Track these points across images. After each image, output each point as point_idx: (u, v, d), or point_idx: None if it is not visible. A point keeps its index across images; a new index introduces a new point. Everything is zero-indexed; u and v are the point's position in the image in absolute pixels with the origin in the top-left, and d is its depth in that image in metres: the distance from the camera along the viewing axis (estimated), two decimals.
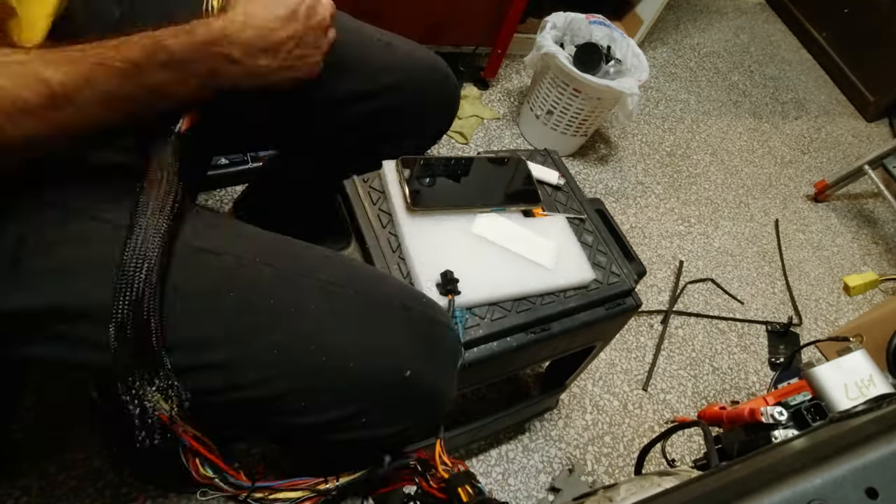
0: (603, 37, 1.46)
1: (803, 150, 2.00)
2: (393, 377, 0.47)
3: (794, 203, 1.79)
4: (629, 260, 0.74)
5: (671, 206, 1.60)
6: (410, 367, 0.47)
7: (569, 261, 0.67)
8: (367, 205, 0.66)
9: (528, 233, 0.68)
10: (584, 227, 0.73)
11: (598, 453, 1.07)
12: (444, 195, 0.68)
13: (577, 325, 0.66)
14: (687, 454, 1.13)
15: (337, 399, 0.46)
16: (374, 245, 0.63)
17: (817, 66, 2.43)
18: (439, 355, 0.51)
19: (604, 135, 1.69)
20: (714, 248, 1.54)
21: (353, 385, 0.46)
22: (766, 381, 1.31)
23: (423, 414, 0.51)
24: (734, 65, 2.20)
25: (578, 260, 0.68)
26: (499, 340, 0.62)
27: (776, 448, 0.46)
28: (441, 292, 0.59)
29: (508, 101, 1.62)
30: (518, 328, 0.63)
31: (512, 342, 0.62)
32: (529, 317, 0.63)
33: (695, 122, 1.89)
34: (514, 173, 0.75)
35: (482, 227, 0.66)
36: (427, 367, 0.49)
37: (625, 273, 0.72)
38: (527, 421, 1.05)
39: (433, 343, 0.50)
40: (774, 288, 1.52)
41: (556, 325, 0.65)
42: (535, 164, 0.77)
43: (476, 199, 0.69)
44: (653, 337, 1.29)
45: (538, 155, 0.80)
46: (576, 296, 0.67)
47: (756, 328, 1.40)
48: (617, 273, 0.71)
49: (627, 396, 1.17)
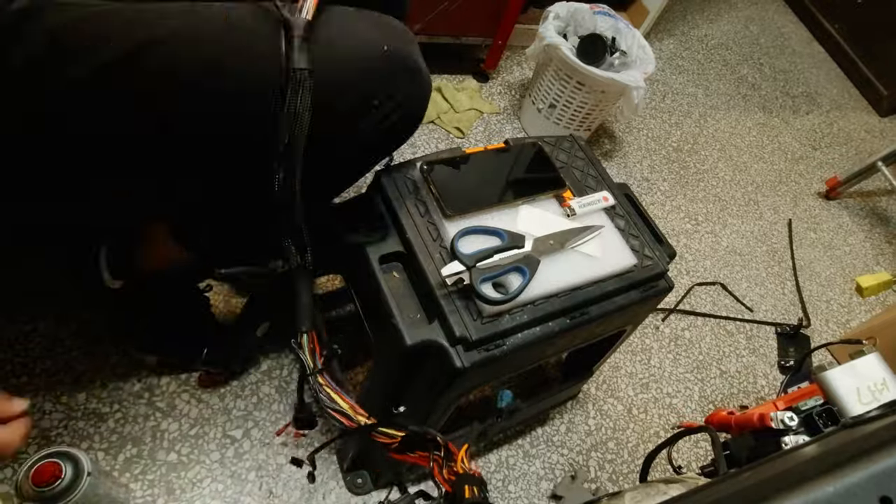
0: (607, 28, 1.46)
1: (814, 146, 2.00)
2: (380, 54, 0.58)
3: (804, 200, 1.80)
4: (659, 243, 0.77)
5: (678, 203, 1.60)
6: (385, 43, 0.58)
7: (611, 248, 0.71)
8: (405, 195, 0.69)
9: (570, 223, 0.71)
10: (615, 212, 0.76)
11: (602, 459, 1.07)
12: (475, 194, 0.70)
13: (614, 309, 0.69)
14: (694, 461, 1.13)
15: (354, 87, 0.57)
16: (414, 235, 0.66)
17: (829, 58, 2.43)
18: (399, 32, 0.61)
19: (608, 129, 1.69)
20: (722, 247, 1.54)
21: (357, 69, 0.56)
22: (775, 386, 1.31)
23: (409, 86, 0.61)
24: (743, 57, 2.20)
25: (619, 246, 0.72)
26: (542, 325, 0.64)
27: (787, 455, 0.46)
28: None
29: (509, 95, 1.61)
30: (559, 313, 0.65)
31: (554, 327, 0.65)
32: (570, 301, 0.66)
33: (702, 116, 1.89)
34: (535, 162, 0.78)
35: (526, 223, 0.69)
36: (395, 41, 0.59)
37: (657, 255, 0.74)
38: (549, 411, 1.08)
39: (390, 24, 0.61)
40: (784, 288, 1.52)
41: (595, 309, 0.68)
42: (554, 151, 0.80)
43: (507, 193, 0.71)
44: (658, 339, 1.29)
45: (564, 141, 0.82)
46: (613, 280, 0.70)
47: (765, 330, 1.41)
48: (650, 256, 0.74)
49: (632, 400, 1.17)
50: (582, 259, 0.68)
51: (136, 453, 0.83)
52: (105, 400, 0.86)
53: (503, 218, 0.69)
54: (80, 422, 0.83)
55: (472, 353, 0.60)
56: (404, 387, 0.68)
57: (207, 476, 0.84)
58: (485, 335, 0.60)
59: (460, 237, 0.63)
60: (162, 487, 0.82)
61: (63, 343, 0.88)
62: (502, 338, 0.62)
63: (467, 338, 0.59)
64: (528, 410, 0.97)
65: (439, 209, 0.67)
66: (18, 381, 0.84)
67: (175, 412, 0.88)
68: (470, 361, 0.59)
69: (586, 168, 0.80)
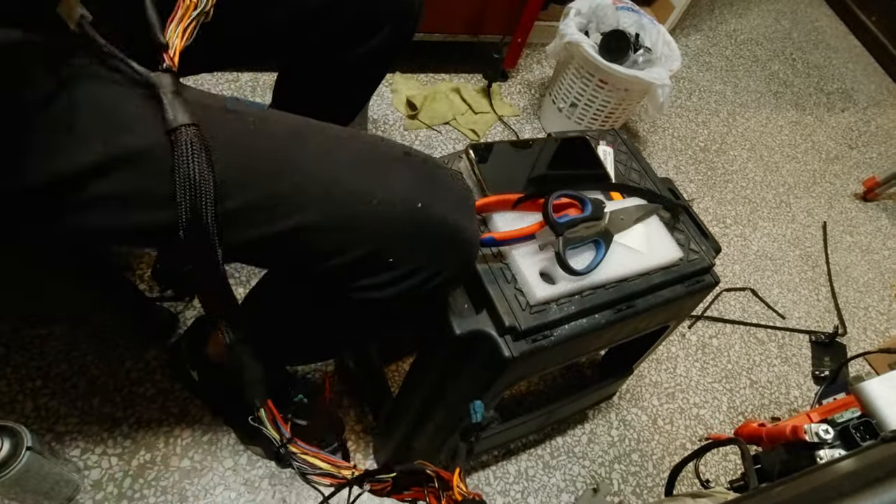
0: (631, 24, 1.45)
1: (851, 145, 1.96)
2: (406, 208, 0.52)
3: (840, 202, 1.76)
4: (704, 237, 0.78)
5: (705, 205, 1.58)
6: (421, 200, 0.52)
7: (657, 241, 0.72)
8: None
9: (631, 202, 0.73)
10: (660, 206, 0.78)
11: (625, 472, 1.06)
12: (518, 179, 0.72)
13: (659, 302, 0.70)
14: (722, 475, 1.12)
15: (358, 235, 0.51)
16: None
17: (866, 52, 2.38)
18: (448, 192, 0.56)
19: (632, 129, 1.67)
20: (752, 252, 1.52)
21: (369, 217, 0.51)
22: (809, 397, 1.29)
23: (446, 250, 0.55)
24: (774, 52, 2.17)
25: (665, 239, 0.73)
26: (588, 317, 0.65)
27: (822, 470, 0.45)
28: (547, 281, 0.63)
29: (529, 94, 1.61)
30: (606, 305, 0.67)
31: (601, 319, 0.66)
32: (617, 294, 0.67)
33: (731, 114, 1.87)
34: (580, 154, 0.79)
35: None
36: (438, 201, 0.54)
37: (703, 250, 0.75)
38: (586, 409, 1.09)
39: (440, 181, 0.56)
40: (819, 294, 1.49)
41: (641, 302, 0.69)
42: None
43: (551, 185, 0.72)
44: (684, 347, 1.27)
45: (607, 135, 0.84)
46: (659, 273, 0.70)
47: (798, 338, 1.38)
48: (696, 250, 0.75)
49: (657, 410, 1.16)
50: (628, 251, 0.69)
51: (150, 459, 0.85)
52: (119, 404, 0.88)
53: None
54: (94, 426, 0.85)
55: (520, 344, 0.61)
56: (448, 381, 0.69)
57: (220, 483, 0.85)
58: (533, 325, 0.61)
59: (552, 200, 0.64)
60: (175, 494, 0.83)
61: (79, 347, 0.90)
62: (550, 328, 0.63)
63: (516, 327, 0.60)
64: (565, 410, 0.98)
65: (481, 193, 0.68)
66: (34, 384, 0.86)
67: (188, 418, 0.89)
68: (518, 351, 0.60)
69: (629, 162, 0.81)
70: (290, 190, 0.49)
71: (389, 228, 0.52)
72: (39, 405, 0.85)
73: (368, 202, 0.51)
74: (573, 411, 1.05)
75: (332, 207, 0.51)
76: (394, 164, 0.54)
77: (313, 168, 0.51)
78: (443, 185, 0.56)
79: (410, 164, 0.55)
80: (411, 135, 1.40)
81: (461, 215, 0.56)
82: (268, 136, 0.51)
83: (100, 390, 0.88)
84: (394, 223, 0.52)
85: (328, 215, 0.51)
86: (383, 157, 0.55)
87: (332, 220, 0.51)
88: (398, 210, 0.52)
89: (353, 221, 0.51)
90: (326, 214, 0.50)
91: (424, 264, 0.54)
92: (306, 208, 0.50)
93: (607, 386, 1.02)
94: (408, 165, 0.55)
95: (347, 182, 0.51)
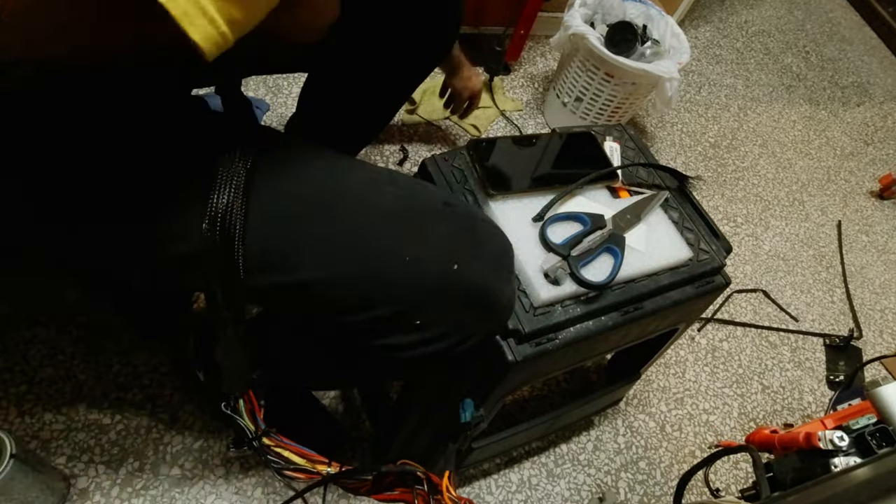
0: (638, 15, 1.45)
1: (867, 141, 1.96)
2: (440, 269, 0.50)
3: (855, 200, 1.76)
4: (715, 236, 0.78)
5: (715, 203, 1.58)
6: (457, 261, 0.50)
7: (662, 240, 0.72)
8: (452, 185, 0.70)
9: (629, 201, 0.73)
10: (668, 204, 0.77)
11: (633, 480, 1.06)
12: (521, 177, 0.72)
13: (668, 304, 0.70)
14: (733, 483, 1.12)
15: (385, 294, 0.49)
16: None
17: (882, 45, 2.38)
18: (486, 251, 0.54)
19: (639, 124, 1.67)
20: (764, 252, 1.52)
21: (399, 276, 0.49)
22: (823, 402, 1.29)
23: (479, 316, 0.54)
24: (787, 45, 2.17)
25: (672, 239, 0.73)
26: (594, 320, 0.65)
27: (836, 478, 0.45)
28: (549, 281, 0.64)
29: (532, 88, 1.61)
30: (613, 307, 0.67)
31: (607, 321, 0.66)
32: (624, 295, 0.67)
33: (742, 109, 1.87)
34: (585, 150, 0.79)
35: (585, 208, 0.70)
36: (475, 262, 0.52)
37: (713, 250, 0.75)
38: (592, 415, 1.08)
39: (479, 239, 0.54)
40: (833, 296, 1.49)
41: (649, 304, 0.69)
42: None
43: (554, 179, 0.73)
44: (694, 350, 1.27)
45: (614, 130, 0.84)
46: (668, 273, 0.70)
47: (812, 341, 1.38)
48: (706, 250, 0.75)
49: (665, 417, 1.16)
50: (635, 252, 0.69)
51: (138, 467, 0.85)
52: (106, 410, 0.88)
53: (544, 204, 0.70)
54: (80, 433, 0.85)
55: (523, 347, 0.61)
56: (449, 385, 0.69)
57: (212, 492, 0.85)
58: (537, 328, 0.61)
59: (547, 226, 0.65)
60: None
61: (64, 351, 0.90)
62: (555, 331, 0.63)
63: (520, 330, 0.60)
64: (569, 416, 0.98)
65: (482, 188, 0.69)
66: (18, 389, 0.86)
67: (178, 424, 0.89)
68: (522, 355, 0.60)
69: (637, 158, 0.81)
70: (317, 238, 0.48)
71: (420, 290, 0.51)
72: (24, 411, 0.85)
73: (400, 260, 0.49)
74: (578, 417, 1.05)
75: (358, 263, 0.49)
76: (431, 217, 0.53)
77: (345, 215, 0.49)
78: (481, 242, 0.55)
79: (449, 217, 0.54)
80: (410, 130, 1.41)
81: (498, 277, 0.54)
82: (302, 180, 0.50)
83: (86, 396, 0.88)
84: (425, 285, 0.50)
85: (354, 270, 0.49)
86: (420, 209, 0.53)
87: (357, 276, 0.49)
88: (431, 270, 0.50)
89: (381, 279, 0.50)
90: (352, 269, 0.49)
91: (454, 329, 0.53)
92: (332, 260, 0.48)
93: (614, 391, 1.02)
94: (446, 219, 0.53)
95: (379, 236, 0.50)
